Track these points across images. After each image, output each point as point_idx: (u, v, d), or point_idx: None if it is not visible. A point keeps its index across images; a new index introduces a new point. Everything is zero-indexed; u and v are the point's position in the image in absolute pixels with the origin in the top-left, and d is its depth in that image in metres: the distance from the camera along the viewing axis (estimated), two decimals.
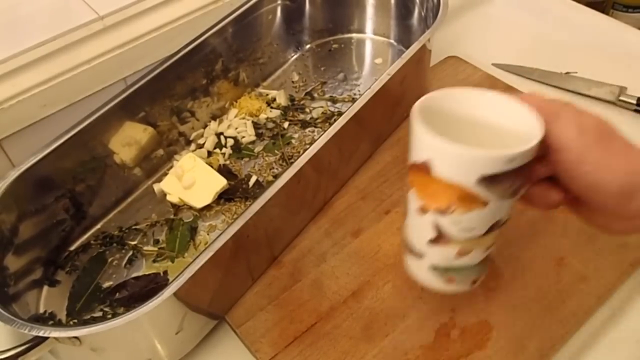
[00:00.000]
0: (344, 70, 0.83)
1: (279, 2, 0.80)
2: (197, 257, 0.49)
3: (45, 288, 0.59)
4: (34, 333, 0.44)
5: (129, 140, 0.66)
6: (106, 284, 0.60)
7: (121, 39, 0.75)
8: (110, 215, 0.67)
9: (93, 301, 0.58)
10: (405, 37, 0.84)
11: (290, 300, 0.58)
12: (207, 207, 0.66)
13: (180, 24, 0.79)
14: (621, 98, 0.75)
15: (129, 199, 0.69)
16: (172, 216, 0.66)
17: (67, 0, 0.76)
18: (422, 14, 0.78)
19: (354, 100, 0.75)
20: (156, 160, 0.71)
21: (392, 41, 0.86)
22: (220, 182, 0.66)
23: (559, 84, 0.80)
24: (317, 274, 0.59)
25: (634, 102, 0.74)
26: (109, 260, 0.62)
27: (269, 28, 0.81)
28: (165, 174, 0.70)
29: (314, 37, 0.87)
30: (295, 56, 0.86)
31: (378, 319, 0.56)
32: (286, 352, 0.54)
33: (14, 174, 0.56)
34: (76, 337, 0.45)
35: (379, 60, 0.84)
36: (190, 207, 0.67)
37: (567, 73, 0.80)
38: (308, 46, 0.87)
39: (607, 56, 0.83)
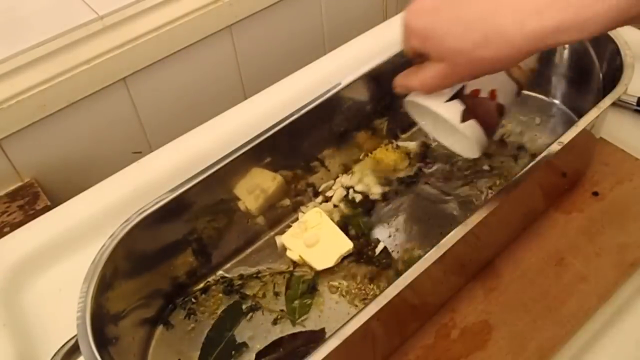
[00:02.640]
0: None
1: None
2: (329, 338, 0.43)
3: (159, 329, 0.58)
4: None
5: (255, 188, 0.61)
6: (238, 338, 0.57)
7: (121, 39, 0.75)
8: (229, 265, 0.62)
9: (226, 355, 0.55)
10: (572, 98, 0.73)
11: None
12: (328, 269, 0.61)
13: (179, 23, 0.79)
14: (621, 98, 0.75)
15: (250, 249, 0.63)
16: (289, 273, 0.61)
17: (67, 0, 0.76)
18: (599, 74, 0.66)
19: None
20: (281, 210, 0.65)
21: (555, 101, 0.75)
22: (346, 245, 0.61)
23: None
24: None
25: (634, 102, 0.74)
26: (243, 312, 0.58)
27: None
28: (289, 226, 0.64)
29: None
30: None
31: None
32: None
33: (147, 209, 0.53)
34: None
35: (537, 120, 0.73)
36: (310, 267, 0.61)
37: None
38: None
39: None
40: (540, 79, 0.75)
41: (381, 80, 0.65)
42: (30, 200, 0.74)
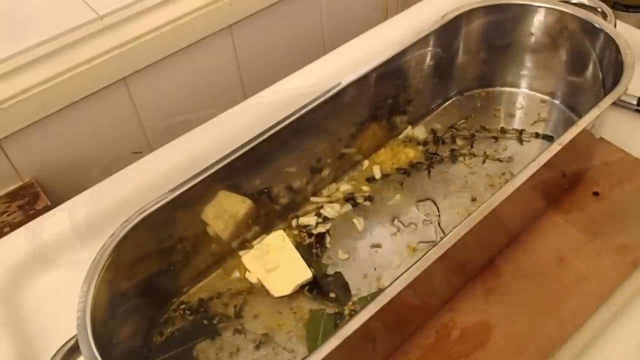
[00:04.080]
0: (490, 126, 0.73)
1: (430, 49, 0.69)
2: None
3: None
4: None
5: (222, 213, 0.59)
6: None
7: (121, 38, 0.75)
8: (199, 285, 0.61)
9: None
10: (572, 98, 0.72)
11: None
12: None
13: (180, 23, 0.79)
14: (621, 98, 0.75)
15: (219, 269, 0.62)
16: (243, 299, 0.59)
17: (67, 0, 0.76)
18: (600, 74, 0.66)
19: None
20: (251, 235, 0.64)
21: (555, 101, 0.74)
22: (305, 274, 0.59)
23: None
24: None
25: (634, 102, 0.74)
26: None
27: (415, 77, 0.71)
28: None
29: (463, 86, 0.77)
30: (440, 108, 0.76)
31: None
32: None
33: (147, 209, 0.52)
34: None
35: (537, 122, 0.73)
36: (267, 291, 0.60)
37: None
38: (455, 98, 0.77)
39: None
40: (541, 79, 0.75)
41: (382, 80, 0.65)
42: (30, 200, 0.74)
